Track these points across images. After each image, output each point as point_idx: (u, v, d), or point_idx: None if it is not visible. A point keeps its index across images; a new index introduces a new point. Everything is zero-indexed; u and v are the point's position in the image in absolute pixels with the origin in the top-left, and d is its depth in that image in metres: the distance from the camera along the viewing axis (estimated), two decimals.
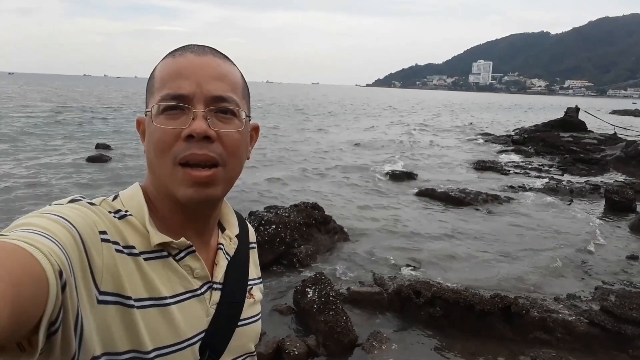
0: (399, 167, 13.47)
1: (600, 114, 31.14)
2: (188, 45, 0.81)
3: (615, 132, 20.20)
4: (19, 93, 53.08)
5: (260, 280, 0.99)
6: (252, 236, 1.01)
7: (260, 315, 0.95)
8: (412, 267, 5.99)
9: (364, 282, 5.29)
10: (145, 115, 0.80)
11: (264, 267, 5.60)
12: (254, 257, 0.99)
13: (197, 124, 0.73)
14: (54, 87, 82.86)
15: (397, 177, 12.03)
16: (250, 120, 0.84)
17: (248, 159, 0.85)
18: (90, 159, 12.67)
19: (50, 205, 0.70)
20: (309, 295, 4.37)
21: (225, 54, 0.83)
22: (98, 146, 14.90)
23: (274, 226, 5.98)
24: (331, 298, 4.30)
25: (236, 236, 0.92)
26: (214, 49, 0.82)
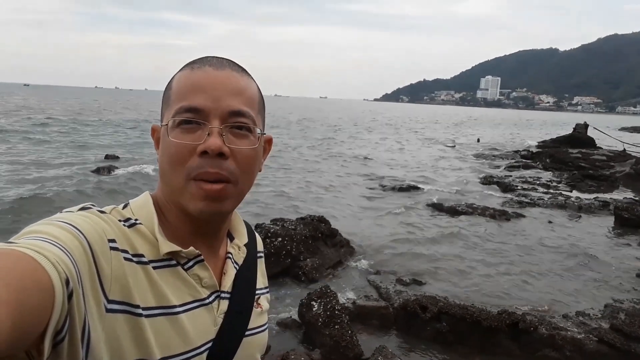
0: (403, 180, 13.44)
1: (609, 131, 30.96)
2: (207, 57, 0.81)
3: (624, 149, 20.07)
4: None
5: (268, 290, 0.99)
6: (260, 246, 1.01)
7: (267, 325, 0.94)
8: (418, 282, 5.95)
9: (370, 296, 5.25)
10: (161, 125, 0.80)
11: (270, 279, 5.58)
12: (261, 266, 0.99)
13: (212, 140, 0.73)
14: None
15: (404, 190, 12.01)
16: (264, 135, 0.84)
17: (260, 171, 0.84)
18: None
19: (60, 212, 0.70)
20: (314, 309, 4.35)
21: (243, 67, 0.83)
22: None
23: (280, 239, 5.97)
24: (337, 312, 4.27)
25: (245, 245, 0.92)
26: (233, 62, 0.82)
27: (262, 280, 0.97)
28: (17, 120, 28.48)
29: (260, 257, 1.00)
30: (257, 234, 1.01)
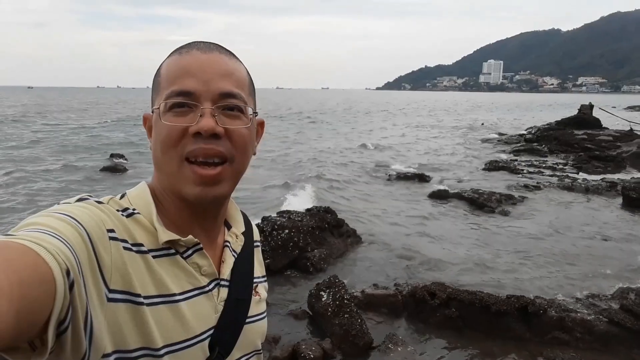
0: (408, 168, 13.41)
1: (615, 111, 30.67)
2: (194, 42, 0.81)
3: (631, 128, 19.86)
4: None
5: (265, 278, 1.00)
6: (257, 235, 1.01)
7: (265, 313, 0.95)
8: (425, 269, 5.94)
9: (378, 285, 5.26)
10: (152, 112, 0.80)
11: (278, 271, 5.61)
12: (258, 255, 0.99)
13: (205, 121, 0.73)
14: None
15: (409, 178, 11.99)
16: (256, 116, 0.84)
17: (254, 154, 0.85)
18: None
19: (58, 204, 0.70)
20: (323, 299, 4.36)
21: (231, 51, 0.83)
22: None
23: (287, 231, 5.98)
24: (345, 301, 4.29)
25: (242, 234, 0.92)
26: (220, 46, 0.82)
27: (259, 268, 0.97)
28: None
29: (257, 246, 1.00)
30: (253, 223, 1.02)
